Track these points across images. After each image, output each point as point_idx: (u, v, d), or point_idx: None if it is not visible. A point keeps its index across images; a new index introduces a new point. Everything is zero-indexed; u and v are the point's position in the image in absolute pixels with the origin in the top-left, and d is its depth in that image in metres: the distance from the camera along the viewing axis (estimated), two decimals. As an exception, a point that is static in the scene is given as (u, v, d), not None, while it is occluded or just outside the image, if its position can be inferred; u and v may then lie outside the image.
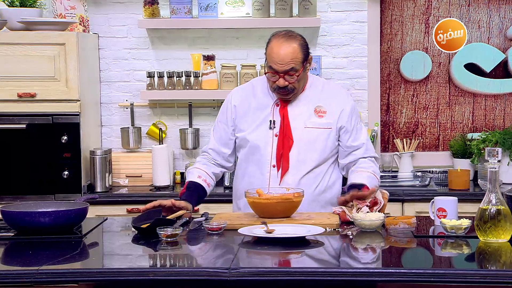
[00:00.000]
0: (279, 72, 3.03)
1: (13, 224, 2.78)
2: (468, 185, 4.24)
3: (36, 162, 4.16)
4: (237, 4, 4.47)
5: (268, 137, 3.14)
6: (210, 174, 3.23)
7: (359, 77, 4.62)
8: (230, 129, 3.23)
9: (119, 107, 4.65)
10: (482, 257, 2.51)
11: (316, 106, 3.15)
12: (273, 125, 3.13)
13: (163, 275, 2.34)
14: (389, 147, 4.67)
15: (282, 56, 3.01)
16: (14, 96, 4.13)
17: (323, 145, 3.14)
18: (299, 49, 3.03)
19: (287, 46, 3.02)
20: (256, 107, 3.18)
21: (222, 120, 3.25)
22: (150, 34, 4.61)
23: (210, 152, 3.28)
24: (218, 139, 3.26)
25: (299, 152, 3.12)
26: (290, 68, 3.02)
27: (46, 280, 2.32)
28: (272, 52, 3.03)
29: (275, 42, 3.05)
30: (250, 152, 3.18)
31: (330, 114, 3.15)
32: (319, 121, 3.14)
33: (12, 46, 4.11)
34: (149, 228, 2.78)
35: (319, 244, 2.65)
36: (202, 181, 3.18)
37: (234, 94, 3.27)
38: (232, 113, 3.22)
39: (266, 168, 3.14)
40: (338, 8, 4.59)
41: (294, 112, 3.14)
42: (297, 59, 3.02)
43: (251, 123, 3.17)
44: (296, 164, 3.12)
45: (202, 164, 3.26)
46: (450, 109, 4.66)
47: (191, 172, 3.24)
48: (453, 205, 2.85)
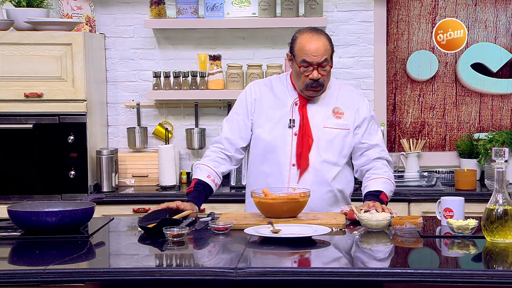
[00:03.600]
0: (313, 64, 3.05)
1: (20, 223, 2.78)
2: (474, 185, 4.23)
3: (42, 162, 4.17)
4: (243, 4, 4.47)
5: (287, 136, 3.14)
6: (218, 174, 3.19)
7: (365, 77, 4.62)
8: (249, 122, 3.21)
9: (126, 107, 4.66)
10: (489, 257, 2.50)
11: (334, 107, 3.17)
12: (293, 124, 3.14)
13: (169, 275, 2.34)
14: (395, 147, 4.67)
15: (316, 48, 3.05)
16: (21, 96, 4.14)
17: (341, 146, 3.16)
18: (328, 42, 3.10)
19: (319, 38, 3.07)
20: (274, 104, 3.18)
21: (241, 112, 3.22)
22: (157, 34, 4.62)
23: (224, 142, 3.22)
24: (234, 130, 3.21)
25: (319, 152, 3.13)
26: (324, 59, 3.05)
27: (53, 280, 2.32)
28: (304, 46, 3.06)
29: (305, 37, 3.09)
30: (266, 151, 3.16)
31: (348, 116, 3.18)
32: (337, 121, 3.16)
33: (19, 46, 4.12)
34: (155, 228, 2.78)
35: (325, 244, 2.65)
36: (211, 181, 3.15)
37: (254, 87, 3.25)
38: (252, 106, 3.20)
39: (285, 167, 3.13)
40: (345, 8, 4.58)
41: (313, 112, 3.15)
42: (328, 50, 3.08)
43: (268, 121, 3.17)
44: (315, 164, 3.13)
45: (212, 161, 3.20)
46: (457, 109, 4.65)
47: (200, 168, 3.18)
48: (460, 205, 2.84)
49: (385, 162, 3.22)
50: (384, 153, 3.24)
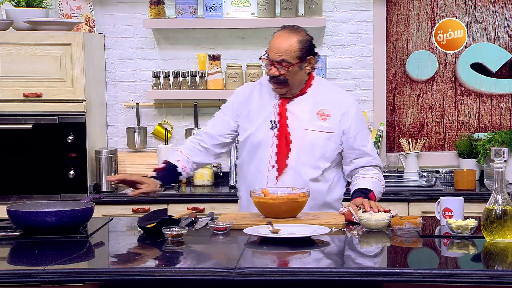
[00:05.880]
0: (271, 60, 3.04)
1: (19, 223, 2.78)
2: (474, 185, 4.23)
3: (42, 162, 4.16)
4: (243, 4, 4.47)
5: (269, 137, 3.13)
6: (191, 162, 3.19)
7: (364, 77, 4.61)
8: (234, 123, 3.21)
9: (125, 107, 4.66)
10: (488, 257, 2.50)
11: (320, 108, 3.12)
12: (274, 125, 3.12)
13: (168, 275, 2.34)
14: (394, 147, 4.67)
15: (277, 46, 3.04)
16: (20, 96, 4.14)
17: (323, 149, 3.11)
18: (297, 44, 3.04)
19: (285, 38, 3.05)
20: (260, 106, 3.18)
21: (227, 113, 3.24)
22: (156, 34, 4.62)
23: (203, 135, 3.24)
24: (216, 127, 3.23)
25: (299, 154, 3.09)
26: (282, 59, 3.02)
27: (52, 280, 2.32)
28: (272, 41, 3.07)
29: (278, 32, 3.09)
30: (251, 152, 3.17)
31: (334, 118, 3.12)
32: (321, 124, 3.11)
33: (18, 46, 4.12)
34: (155, 228, 2.78)
35: (324, 244, 2.65)
36: (181, 166, 3.15)
37: (242, 91, 3.26)
38: (238, 108, 3.21)
39: (265, 168, 3.12)
40: (344, 8, 4.58)
41: (295, 113, 3.12)
42: (291, 52, 3.02)
43: (254, 122, 3.16)
44: (295, 166, 3.09)
45: (187, 149, 3.22)
46: (456, 109, 4.65)
47: (174, 153, 3.21)
48: (459, 205, 2.84)
49: (377, 167, 3.19)
50: (376, 160, 3.19)
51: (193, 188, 4.37)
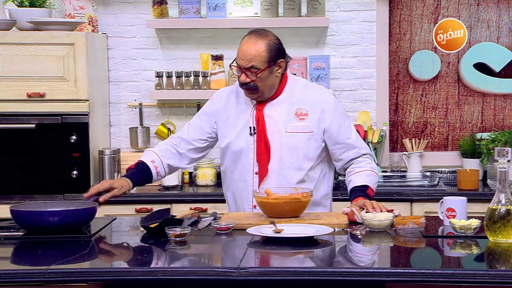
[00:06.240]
0: (241, 68, 3.01)
1: (23, 223, 2.79)
2: (477, 185, 4.23)
3: (45, 162, 4.17)
4: (246, 4, 4.47)
5: (250, 143, 3.09)
6: (164, 164, 3.17)
7: (367, 76, 4.61)
8: (210, 129, 3.18)
9: (128, 107, 4.66)
10: (491, 257, 2.50)
11: (297, 108, 3.08)
12: (253, 131, 3.08)
13: (171, 274, 2.34)
14: (397, 147, 4.66)
15: (244, 53, 3.00)
16: (23, 96, 4.14)
17: (305, 149, 3.07)
18: (265, 49, 2.99)
19: (252, 43, 3.00)
20: (237, 112, 3.13)
21: (203, 119, 3.20)
22: (159, 34, 4.62)
23: (177, 139, 3.20)
24: (191, 132, 3.19)
25: (281, 157, 3.06)
26: (251, 65, 2.98)
27: (55, 280, 2.32)
28: (239, 47, 3.03)
29: (245, 38, 3.04)
30: (234, 159, 3.13)
31: (312, 117, 3.08)
32: (300, 124, 3.07)
33: (21, 46, 4.12)
34: (158, 228, 2.78)
35: (327, 244, 2.64)
36: (153, 167, 3.13)
37: (220, 96, 3.21)
38: (214, 116, 3.17)
39: (249, 175, 3.10)
40: (347, 8, 4.58)
41: (272, 116, 3.07)
42: (259, 57, 2.98)
43: (233, 129, 3.12)
44: (279, 170, 3.06)
45: (161, 150, 3.19)
46: (459, 109, 4.64)
47: (148, 153, 3.18)
48: (462, 205, 2.83)
49: (367, 155, 3.15)
50: (363, 149, 3.14)
51: (196, 188, 4.37)
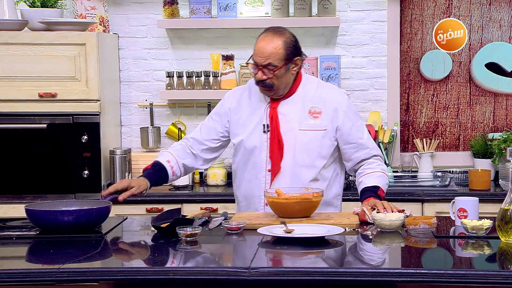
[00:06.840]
0: (258, 65, 3.01)
1: (37, 222, 2.80)
2: (489, 185, 4.21)
3: (56, 162, 4.18)
4: (256, 4, 4.47)
5: (263, 141, 3.10)
6: (180, 164, 3.18)
7: (378, 76, 4.60)
8: (222, 129, 3.19)
9: (139, 107, 4.67)
10: (503, 258, 2.49)
11: (311, 107, 3.09)
12: (267, 129, 3.09)
13: (182, 274, 2.34)
14: (408, 147, 4.65)
15: (262, 50, 2.99)
16: (35, 96, 4.16)
17: (318, 147, 3.08)
18: (282, 46, 3.00)
19: (270, 40, 3.00)
20: (251, 110, 3.14)
21: (216, 119, 3.22)
22: (170, 34, 4.63)
23: (190, 140, 3.22)
24: (204, 132, 3.21)
25: (294, 155, 3.07)
26: (268, 63, 2.98)
27: (67, 279, 2.33)
28: (256, 44, 3.03)
29: (261, 35, 3.04)
30: (246, 157, 3.14)
31: (325, 115, 3.09)
32: (313, 122, 3.08)
33: (33, 46, 4.14)
34: (169, 228, 2.78)
35: (338, 244, 2.64)
36: (169, 167, 3.15)
37: (232, 95, 3.23)
38: (226, 116, 3.19)
39: (261, 173, 3.10)
40: (358, 8, 4.57)
41: (286, 114, 3.09)
42: (276, 55, 2.98)
43: (246, 127, 3.13)
44: (292, 168, 3.07)
45: (176, 150, 3.21)
46: (471, 109, 4.63)
47: (163, 154, 3.20)
48: (474, 205, 2.82)
49: (377, 157, 3.16)
50: (374, 151, 3.15)
51: (207, 188, 4.38)
